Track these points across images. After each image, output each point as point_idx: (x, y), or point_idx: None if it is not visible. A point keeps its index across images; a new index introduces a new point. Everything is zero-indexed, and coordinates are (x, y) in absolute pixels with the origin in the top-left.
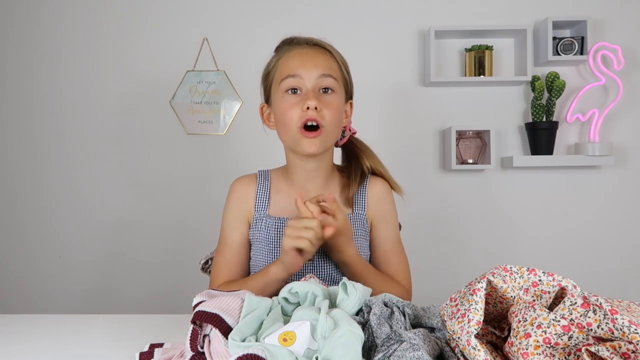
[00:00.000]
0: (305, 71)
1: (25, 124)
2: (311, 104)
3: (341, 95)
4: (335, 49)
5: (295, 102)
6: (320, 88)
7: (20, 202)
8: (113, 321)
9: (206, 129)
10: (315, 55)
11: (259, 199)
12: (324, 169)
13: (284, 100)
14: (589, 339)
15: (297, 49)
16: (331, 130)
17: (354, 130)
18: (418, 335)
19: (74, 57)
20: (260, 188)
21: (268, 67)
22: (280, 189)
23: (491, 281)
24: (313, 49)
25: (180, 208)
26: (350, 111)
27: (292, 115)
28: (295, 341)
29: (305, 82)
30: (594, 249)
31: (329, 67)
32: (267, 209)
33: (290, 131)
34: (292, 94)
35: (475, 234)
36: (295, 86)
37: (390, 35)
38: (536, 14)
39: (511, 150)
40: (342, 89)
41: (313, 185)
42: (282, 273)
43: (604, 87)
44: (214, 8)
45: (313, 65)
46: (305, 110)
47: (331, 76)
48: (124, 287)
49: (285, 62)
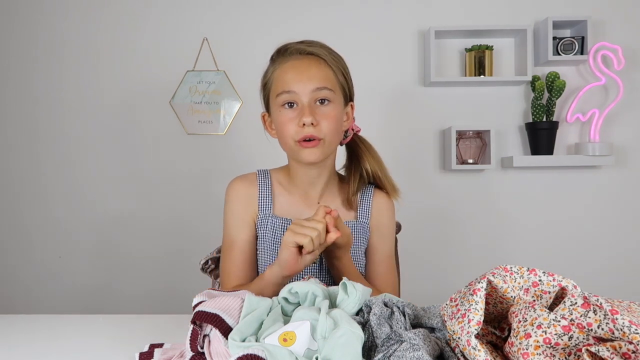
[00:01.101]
0: (300, 85)
1: (26, 124)
2: (307, 121)
3: (339, 103)
4: (332, 54)
5: (292, 116)
6: (316, 100)
7: (20, 202)
8: (113, 321)
9: (206, 129)
10: (309, 66)
11: (262, 198)
12: (325, 174)
13: (281, 114)
14: (589, 339)
15: (291, 61)
16: (330, 140)
17: (357, 128)
18: (418, 335)
19: (74, 57)
20: (262, 188)
21: (265, 78)
22: (283, 189)
23: (491, 281)
24: (307, 59)
25: (181, 208)
26: (351, 113)
27: (289, 130)
28: (295, 341)
29: (301, 96)
30: (594, 249)
31: (324, 78)
32: (271, 208)
33: (289, 144)
34: (288, 108)
35: (476, 234)
36: (290, 101)
37: (390, 35)
38: (536, 14)
39: (511, 150)
40: (339, 96)
41: (315, 190)
42: (277, 276)
43: (604, 87)
44: (214, 8)
45: (307, 78)
46: (302, 126)
47: (326, 88)
48: (124, 287)
49: (280, 76)
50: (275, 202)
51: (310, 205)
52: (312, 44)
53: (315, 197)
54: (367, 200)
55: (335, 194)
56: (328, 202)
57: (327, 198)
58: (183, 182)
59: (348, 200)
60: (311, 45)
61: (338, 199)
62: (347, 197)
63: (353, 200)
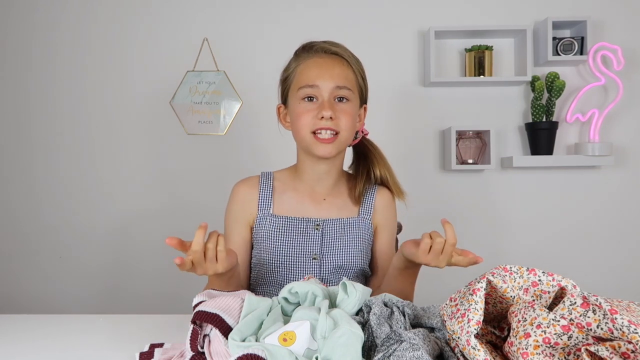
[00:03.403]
0: (322, 82)
1: (23, 124)
2: (326, 114)
3: (355, 103)
4: (354, 57)
5: (310, 109)
6: (335, 97)
7: (20, 202)
8: (113, 321)
9: (206, 129)
10: (333, 65)
11: (262, 200)
12: (334, 172)
13: (300, 106)
14: (588, 339)
15: (315, 58)
16: (346, 136)
17: (366, 131)
18: (418, 335)
19: (73, 57)
20: (262, 189)
21: (287, 72)
22: (286, 188)
23: (491, 281)
24: (331, 58)
25: (180, 208)
26: (363, 115)
27: (306, 120)
28: (295, 341)
29: (322, 92)
30: (594, 249)
31: (345, 78)
32: (270, 208)
33: (304, 135)
34: (308, 102)
35: (475, 234)
36: (312, 95)
37: (390, 36)
38: (536, 14)
39: (511, 150)
40: (356, 96)
41: (322, 186)
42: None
43: (603, 87)
44: (214, 8)
45: (330, 76)
46: (320, 119)
47: (346, 87)
48: (123, 287)
49: (303, 71)
50: (276, 201)
51: (316, 201)
52: (337, 44)
53: (322, 193)
54: (370, 197)
55: (341, 191)
56: (334, 198)
57: (334, 195)
58: (183, 182)
59: (354, 199)
60: (336, 45)
61: (344, 196)
62: (354, 195)
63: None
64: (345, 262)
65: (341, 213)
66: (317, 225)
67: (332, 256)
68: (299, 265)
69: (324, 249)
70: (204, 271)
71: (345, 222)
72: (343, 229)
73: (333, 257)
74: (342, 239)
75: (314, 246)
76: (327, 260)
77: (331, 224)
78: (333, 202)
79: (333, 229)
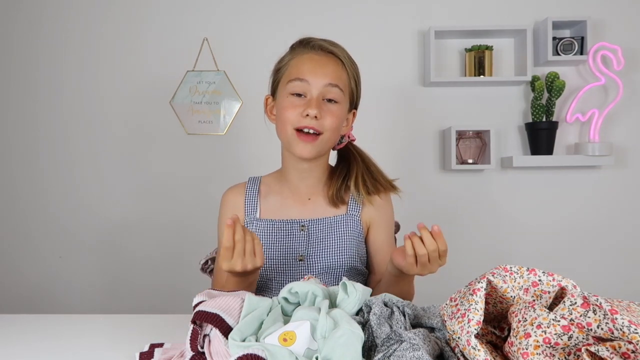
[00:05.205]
0: (313, 77)
1: (26, 124)
2: (312, 113)
3: (344, 106)
4: (350, 59)
5: (297, 104)
6: (324, 97)
7: (21, 201)
8: (113, 321)
9: (206, 129)
10: (327, 63)
11: (248, 204)
12: (317, 171)
13: (287, 100)
14: (588, 339)
15: (310, 54)
16: (329, 137)
17: (353, 137)
18: (418, 335)
19: (74, 57)
20: (248, 194)
21: (280, 63)
22: (270, 192)
23: (491, 281)
24: (327, 56)
25: (180, 208)
26: (352, 120)
27: (291, 115)
28: (295, 341)
29: (312, 88)
30: (594, 249)
31: (337, 77)
32: (257, 212)
33: (287, 130)
34: (296, 97)
35: (475, 234)
36: (300, 91)
37: (390, 36)
38: (536, 14)
39: (511, 150)
40: (346, 99)
41: (306, 185)
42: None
43: (603, 87)
44: (214, 8)
45: (322, 73)
46: (305, 116)
47: (337, 86)
48: (124, 287)
49: (296, 65)
50: (262, 206)
51: (301, 201)
52: (335, 44)
53: (306, 193)
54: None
55: (325, 191)
56: (319, 197)
57: (319, 194)
58: (183, 182)
59: (331, 199)
60: (334, 45)
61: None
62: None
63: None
64: (333, 262)
65: (327, 212)
66: (302, 226)
67: (318, 256)
68: (285, 267)
69: (310, 250)
70: (243, 266)
71: (332, 220)
72: (329, 228)
73: (319, 257)
74: (328, 238)
75: (299, 247)
76: (314, 260)
77: (316, 224)
78: (318, 202)
79: (318, 228)
